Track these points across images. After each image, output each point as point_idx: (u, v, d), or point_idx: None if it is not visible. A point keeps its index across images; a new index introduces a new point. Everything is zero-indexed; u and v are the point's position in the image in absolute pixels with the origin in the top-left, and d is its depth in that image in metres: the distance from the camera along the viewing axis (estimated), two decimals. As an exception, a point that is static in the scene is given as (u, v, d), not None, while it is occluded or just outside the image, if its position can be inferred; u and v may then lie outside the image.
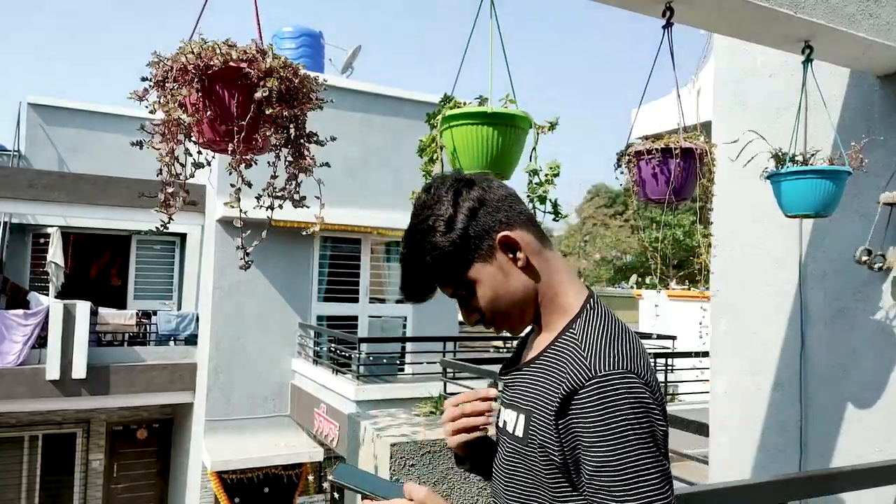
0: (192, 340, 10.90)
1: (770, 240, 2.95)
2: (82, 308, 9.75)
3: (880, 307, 2.54)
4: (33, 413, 10.82)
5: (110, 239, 12.73)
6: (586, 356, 1.04)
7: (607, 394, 0.99)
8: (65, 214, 10.84)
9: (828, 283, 2.73)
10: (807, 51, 2.30)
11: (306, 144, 1.50)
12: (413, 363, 9.93)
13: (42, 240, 11.70)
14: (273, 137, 1.47)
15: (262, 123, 1.42)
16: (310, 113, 1.53)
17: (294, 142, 1.48)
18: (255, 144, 1.45)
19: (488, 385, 1.26)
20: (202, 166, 1.48)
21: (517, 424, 1.12)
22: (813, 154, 2.32)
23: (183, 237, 12.35)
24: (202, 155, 1.50)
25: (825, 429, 2.70)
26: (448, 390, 7.67)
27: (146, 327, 11.07)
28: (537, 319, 1.18)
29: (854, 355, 2.62)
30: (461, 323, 11.07)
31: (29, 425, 11.14)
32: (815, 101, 2.48)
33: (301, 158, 1.50)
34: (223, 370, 9.92)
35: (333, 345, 9.87)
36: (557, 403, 1.03)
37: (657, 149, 2.24)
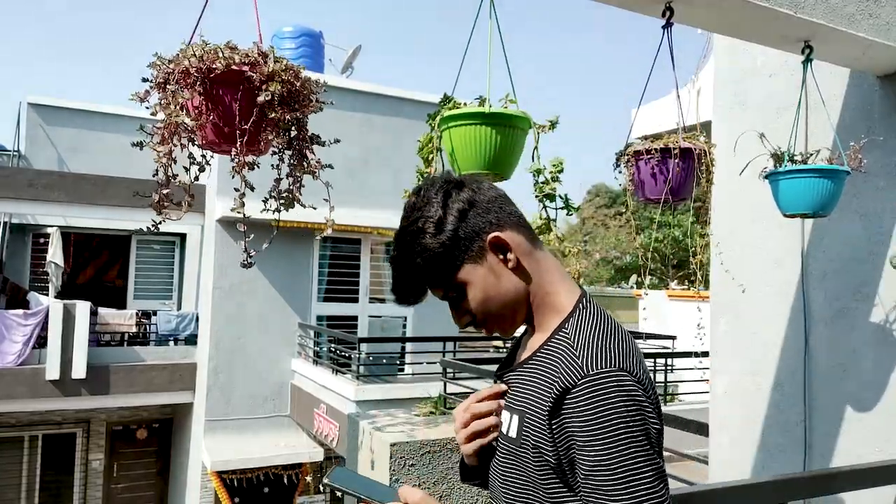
0: (192, 340, 10.90)
1: (770, 240, 2.95)
2: (82, 308, 9.75)
3: (880, 307, 2.54)
4: (33, 413, 10.82)
5: (110, 239, 12.73)
6: (578, 355, 1.03)
7: (599, 393, 0.98)
8: (65, 214, 10.84)
9: (828, 283, 2.73)
10: (807, 51, 2.30)
11: (310, 146, 1.50)
12: (413, 363, 9.92)
13: (42, 240, 11.70)
14: (275, 141, 1.47)
15: (265, 127, 1.42)
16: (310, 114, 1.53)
17: (296, 144, 1.48)
18: (258, 147, 1.45)
19: (494, 381, 1.24)
20: (204, 169, 1.48)
21: (511, 425, 1.11)
22: (812, 154, 2.32)
23: (183, 237, 12.35)
24: (205, 158, 1.50)
25: (825, 429, 2.70)
26: (448, 390, 7.66)
27: (146, 327, 11.07)
28: (530, 320, 1.17)
29: (854, 355, 2.62)
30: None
31: (29, 425, 11.14)
32: (815, 101, 2.48)
33: (304, 161, 1.50)
34: (223, 370, 9.92)
35: (333, 345, 9.87)
36: (550, 403, 1.02)
37: (656, 149, 2.24)
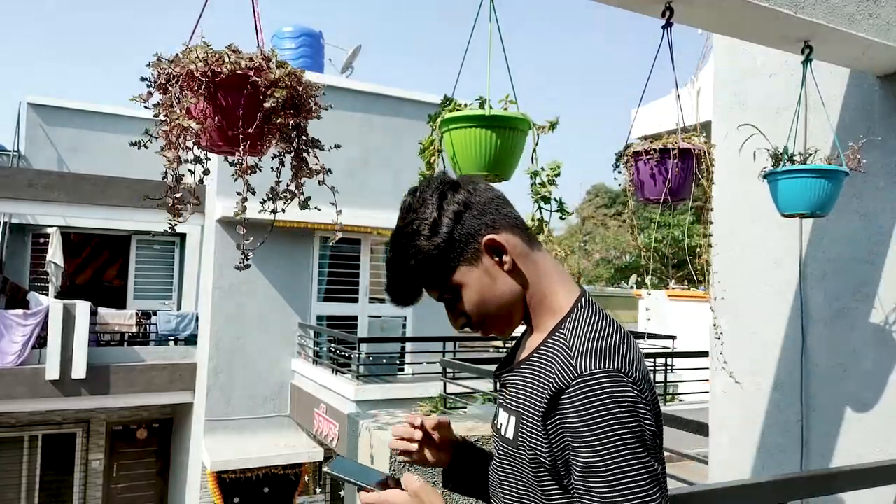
0: (192, 340, 10.91)
1: (769, 239, 2.95)
2: (82, 308, 9.75)
3: (880, 307, 2.54)
4: (33, 413, 10.83)
5: (110, 239, 12.73)
6: (573, 355, 1.02)
7: (593, 393, 0.97)
8: (65, 214, 10.85)
9: (828, 283, 2.73)
10: (806, 51, 2.30)
11: (311, 151, 1.50)
12: (413, 363, 9.93)
13: (42, 240, 11.71)
14: (276, 145, 1.47)
15: (267, 132, 1.42)
16: (310, 113, 1.53)
17: (297, 148, 1.48)
18: (260, 150, 1.45)
19: (494, 381, 1.27)
20: (209, 172, 1.48)
21: (508, 426, 1.11)
22: (812, 154, 2.32)
23: (183, 237, 12.36)
24: (208, 159, 1.50)
25: (825, 429, 2.70)
26: (448, 390, 7.66)
27: (146, 327, 11.07)
28: (529, 321, 1.16)
29: (854, 355, 2.62)
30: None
31: (29, 425, 11.14)
32: (815, 101, 2.48)
33: (305, 164, 1.50)
34: (223, 370, 9.93)
35: (333, 345, 9.87)
36: (545, 404, 1.01)
37: (655, 149, 2.24)
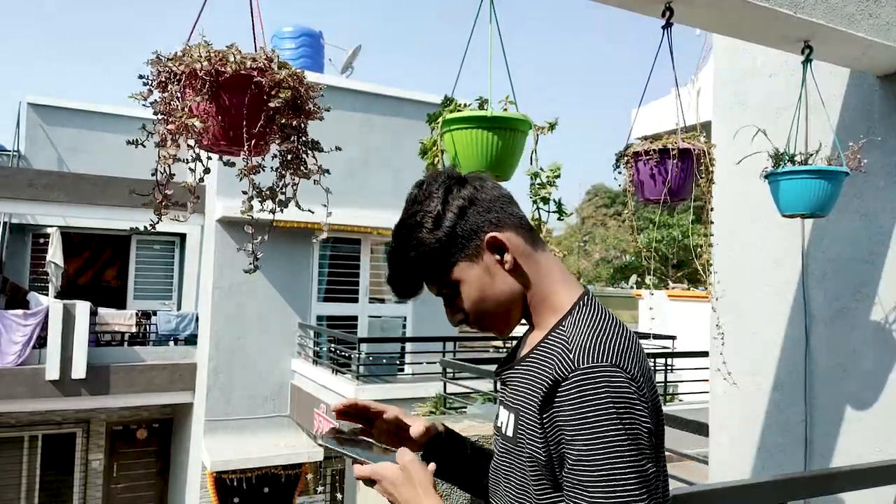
0: (192, 340, 10.90)
1: (770, 239, 2.95)
2: (82, 308, 9.75)
3: (880, 307, 2.54)
4: (33, 413, 10.82)
5: (110, 239, 12.73)
6: (572, 350, 1.01)
7: (589, 386, 0.96)
8: (64, 214, 10.85)
9: (828, 283, 2.73)
10: (806, 51, 2.30)
11: (307, 151, 1.50)
12: (413, 363, 9.93)
13: (42, 240, 11.71)
14: (277, 145, 1.47)
15: (269, 132, 1.42)
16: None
17: (296, 149, 1.48)
18: (262, 150, 1.45)
19: (495, 380, 1.24)
20: (209, 171, 1.48)
21: (508, 424, 1.11)
22: (812, 154, 2.32)
23: (183, 237, 12.36)
24: (209, 160, 1.50)
25: (825, 429, 2.70)
26: (448, 390, 7.66)
27: (146, 327, 11.07)
28: (530, 319, 1.16)
29: (854, 355, 2.62)
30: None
31: (29, 425, 11.14)
32: (815, 101, 2.48)
33: (304, 165, 1.50)
34: (223, 370, 9.93)
35: (333, 345, 9.87)
36: (542, 396, 1.01)
37: (655, 149, 2.24)
